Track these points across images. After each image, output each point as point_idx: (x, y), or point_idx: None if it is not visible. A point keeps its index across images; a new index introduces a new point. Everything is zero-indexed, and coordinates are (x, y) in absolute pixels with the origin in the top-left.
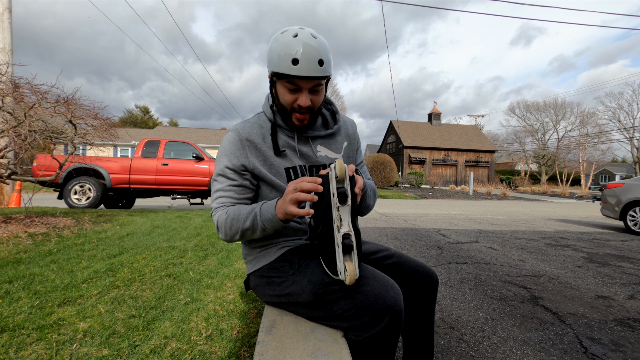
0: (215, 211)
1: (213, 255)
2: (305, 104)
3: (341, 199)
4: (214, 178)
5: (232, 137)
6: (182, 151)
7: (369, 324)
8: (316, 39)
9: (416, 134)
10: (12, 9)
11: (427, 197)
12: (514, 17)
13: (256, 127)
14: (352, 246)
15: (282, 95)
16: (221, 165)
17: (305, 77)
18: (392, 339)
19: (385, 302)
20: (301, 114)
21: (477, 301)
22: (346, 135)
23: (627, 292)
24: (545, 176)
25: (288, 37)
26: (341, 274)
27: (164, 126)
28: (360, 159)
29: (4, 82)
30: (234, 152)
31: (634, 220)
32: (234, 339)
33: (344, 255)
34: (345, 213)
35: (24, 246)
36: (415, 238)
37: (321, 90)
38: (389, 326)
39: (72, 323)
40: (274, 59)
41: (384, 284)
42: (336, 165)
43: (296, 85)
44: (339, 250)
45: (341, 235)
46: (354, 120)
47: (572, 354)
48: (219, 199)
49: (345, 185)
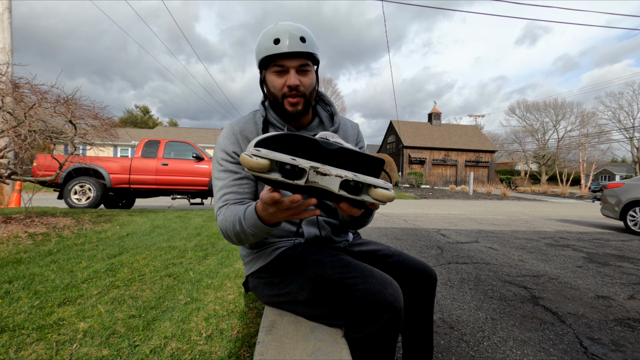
0: (219, 211)
1: (213, 255)
2: (293, 82)
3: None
4: (214, 176)
5: (226, 131)
6: (182, 151)
7: (368, 321)
8: (296, 24)
9: (416, 134)
10: (12, 9)
11: (427, 197)
12: (516, 18)
13: (250, 123)
14: (358, 185)
15: (271, 83)
16: (218, 158)
17: (288, 54)
18: (392, 337)
19: (385, 299)
20: (293, 97)
21: (477, 301)
22: (344, 137)
23: (627, 292)
24: (545, 176)
25: (269, 27)
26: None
27: (164, 126)
28: None
29: (4, 82)
30: (228, 145)
31: (634, 220)
32: (234, 339)
33: (359, 195)
34: (332, 171)
35: (24, 246)
36: (415, 238)
37: (309, 72)
38: (388, 323)
39: (72, 323)
40: (259, 49)
41: (382, 281)
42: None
43: (282, 67)
44: (352, 197)
45: (338, 187)
46: (356, 123)
47: (572, 354)
48: (222, 197)
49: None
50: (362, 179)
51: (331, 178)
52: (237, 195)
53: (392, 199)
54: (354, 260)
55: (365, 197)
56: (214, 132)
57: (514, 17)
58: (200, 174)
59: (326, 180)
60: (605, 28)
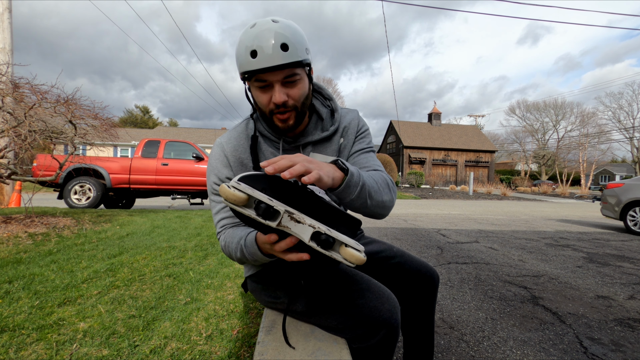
0: (218, 235)
1: (213, 255)
2: (279, 100)
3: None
4: (210, 199)
5: (217, 153)
6: (182, 151)
7: (363, 336)
8: (277, 23)
9: (416, 134)
10: (12, 9)
11: (427, 197)
12: (518, 18)
13: (242, 139)
14: (330, 238)
15: (257, 98)
16: (211, 183)
17: (269, 68)
18: (388, 352)
19: (381, 316)
20: (281, 114)
21: (477, 301)
22: (344, 131)
23: (627, 292)
24: (545, 176)
25: (246, 30)
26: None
27: (164, 126)
28: (361, 146)
29: (4, 82)
30: (220, 169)
31: (634, 220)
32: (234, 339)
33: (328, 251)
34: (305, 220)
35: (24, 246)
36: (415, 238)
37: (298, 81)
38: (384, 340)
39: (72, 323)
40: (238, 59)
41: (379, 295)
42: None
43: (264, 81)
44: (321, 251)
45: (309, 237)
46: (356, 110)
47: (572, 354)
48: (219, 222)
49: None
50: (334, 234)
51: (304, 227)
52: (233, 219)
53: (362, 262)
54: (352, 269)
55: (334, 254)
56: (213, 132)
57: (515, 17)
58: (200, 174)
59: (299, 228)
60: (607, 28)
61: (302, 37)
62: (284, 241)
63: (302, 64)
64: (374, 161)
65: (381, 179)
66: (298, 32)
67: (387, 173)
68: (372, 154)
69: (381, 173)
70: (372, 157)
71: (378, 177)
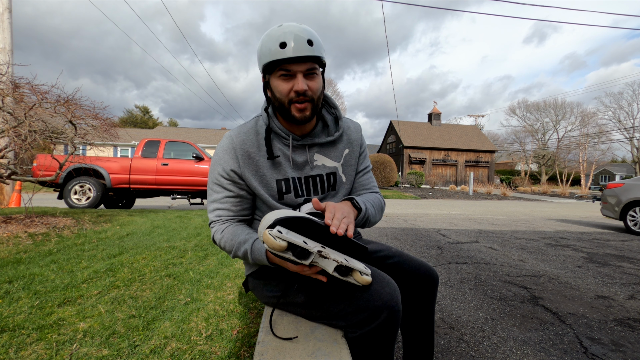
0: (212, 224)
1: (213, 255)
2: (301, 87)
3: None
4: (209, 187)
5: (226, 145)
6: (182, 151)
7: (365, 320)
8: (302, 26)
9: (416, 134)
10: (12, 9)
11: (427, 197)
12: (523, 18)
13: (252, 134)
14: (348, 268)
15: (277, 88)
16: (215, 173)
17: (295, 58)
18: (390, 336)
19: (382, 299)
20: (300, 103)
21: (477, 301)
22: (348, 142)
23: (627, 292)
24: (545, 176)
25: (273, 29)
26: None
27: (164, 126)
28: (364, 165)
29: (4, 82)
30: (227, 161)
31: (634, 220)
32: (234, 339)
33: (346, 277)
34: (331, 255)
35: (24, 246)
36: (415, 238)
37: (317, 76)
38: (386, 322)
39: (72, 323)
40: (263, 52)
41: (380, 280)
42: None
43: (289, 71)
44: (341, 278)
45: (332, 269)
46: (359, 124)
47: (572, 354)
48: (215, 211)
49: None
50: (352, 264)
51: (329, 261)
52: (229, 212)
53: (369, 283)
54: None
55: (350, 279)
56: (214, 132)
57: (520, 18)
58: (200, 174)
59: (324, 262)
60: (612, 28)
61: (320, 40)
62: (309, 269)
63: (321, 62)
64: (373, 182)
65: (378, 204)
66: (317, 36)
67: (381, 194)
68: (370, 173)
69: (377, 196)
70: (371, 177)
71: (377, 203)
